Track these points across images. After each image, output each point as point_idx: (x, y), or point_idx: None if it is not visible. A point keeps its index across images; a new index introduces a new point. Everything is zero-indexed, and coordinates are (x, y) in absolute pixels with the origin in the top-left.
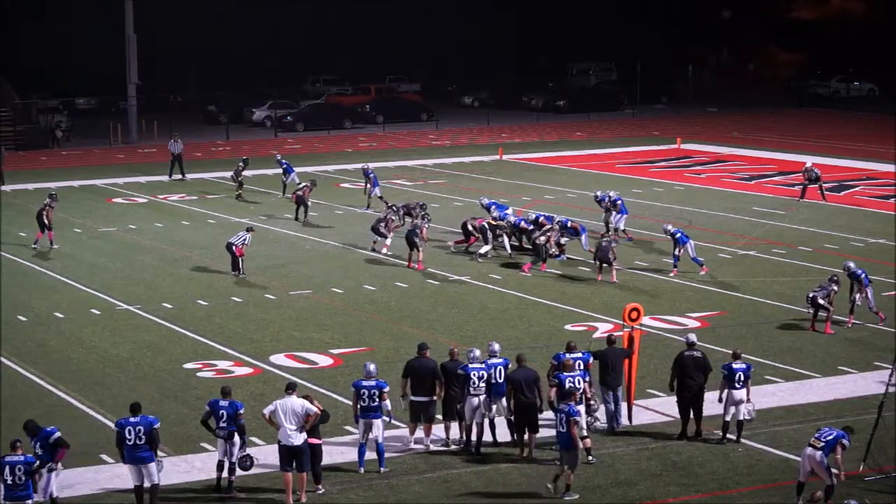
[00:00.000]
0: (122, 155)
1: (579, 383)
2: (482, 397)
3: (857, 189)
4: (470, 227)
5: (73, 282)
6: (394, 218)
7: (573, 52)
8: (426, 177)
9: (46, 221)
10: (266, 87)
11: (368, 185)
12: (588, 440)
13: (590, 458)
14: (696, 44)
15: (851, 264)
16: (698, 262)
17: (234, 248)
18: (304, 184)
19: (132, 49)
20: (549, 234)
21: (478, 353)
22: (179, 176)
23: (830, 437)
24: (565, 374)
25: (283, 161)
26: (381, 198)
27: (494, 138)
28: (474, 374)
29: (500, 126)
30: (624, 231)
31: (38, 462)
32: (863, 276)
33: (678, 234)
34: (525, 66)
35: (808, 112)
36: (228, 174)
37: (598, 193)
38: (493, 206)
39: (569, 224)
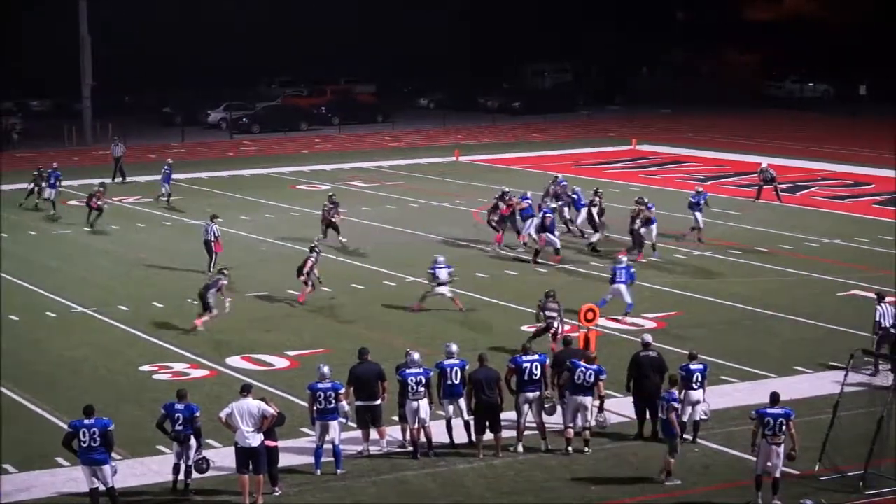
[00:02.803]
0: (76, 157)
1: (591, 377)
2: (422, 401)
3: (812, 189)
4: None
5: (27, 284)
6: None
7: (528, 53)
8: (382, 178)
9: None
10: (221, 88)
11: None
12: (588, 432)
13: (586, 449)
14: (649, 44)
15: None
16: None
17: (212, 244)
18: (97, 188)
19: (86, 50)
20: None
21: (416, 356)
22: (121, 179)
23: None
24: (579, 362)
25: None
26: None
27: (450, 140)
28: (411, 380)
29: (457, 127)
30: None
31: None
32: None
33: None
34: (480, 67)
35: (763, 113)
36: (183, 176)
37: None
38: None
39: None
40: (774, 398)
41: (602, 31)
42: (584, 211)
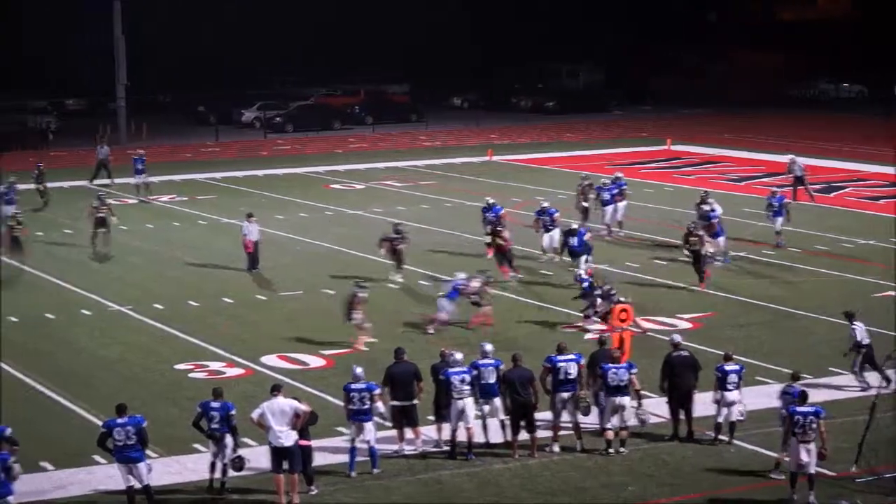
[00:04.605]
0: (110, 156)
1: (624, 375)
2: (467, 400)
3: (846, 190)
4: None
5: (63, 282)
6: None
7: (561, 53)
8: (416, 178)
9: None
10: (255, 87)
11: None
12: (625, 432)
13: (622, 449)
14: (682, 44)
15: None
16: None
17: (256, 244)
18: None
19: (121, 49)
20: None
21: (459, 356)
22: (108, 181)
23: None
24: (610, 365)
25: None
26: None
27: (484, 139)
28: (455, 378)
29: (490, 127)
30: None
31: (13, 458)
32: None
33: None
34: (513, 67)
35: (797, 114)
36: (218, 175)
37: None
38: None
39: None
40: (803, 396)
41: (633, 32)
42: (610, 208)
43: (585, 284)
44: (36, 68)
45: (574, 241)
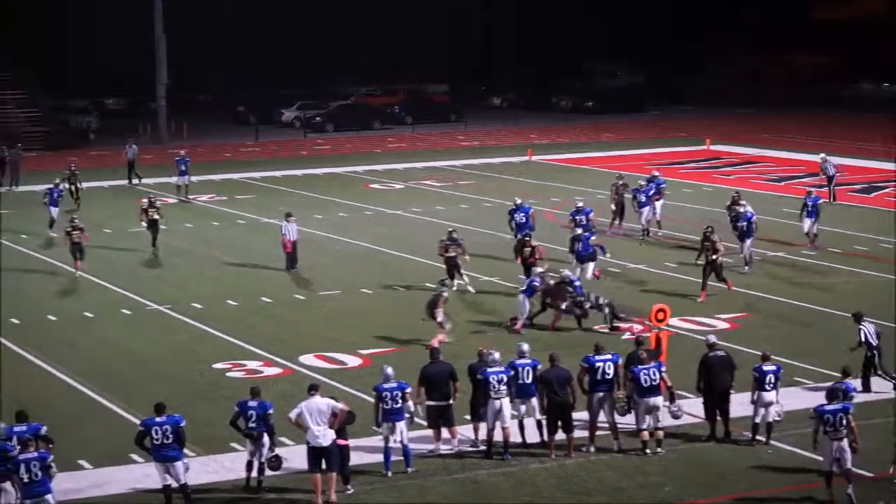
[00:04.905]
0: (150, 155)
1: (655, 375)
2: (504, 400)
3: (886, 190)
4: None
5: (103, 282)
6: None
7: (600, 53)
8: (455, 178)
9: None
10: (295, 87)
11: None
12: (661, 432)
13: (658, 449)
14: (722, 45)
15: None
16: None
17: (295, 244)
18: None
19: (162, 49)
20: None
21: (497, 355)
22: (136, 181)
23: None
24: (640, 367)
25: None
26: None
27: (523, 139)
28: (493, 378)
29: (529, 127)
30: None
31: (52, 457)
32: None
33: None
34: (553, 67)
35: (838, 114)
36: (257, 174)
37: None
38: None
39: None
40: (832, 395)
41: (671, 32)
42: (647, 209)
43: (578, 285)
44: (78, 68)
45: (580, 246)
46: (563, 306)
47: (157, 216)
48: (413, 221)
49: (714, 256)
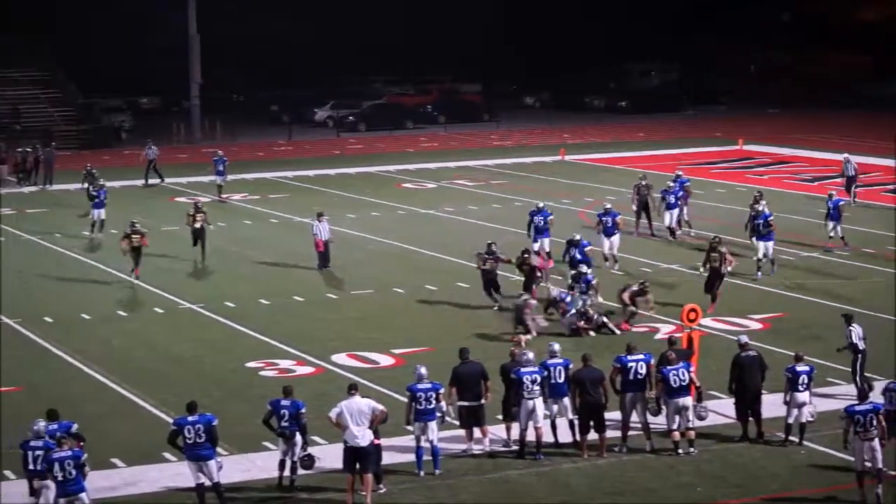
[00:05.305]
0: (184, 154)
1: (684, 375)
2: (537, 400)
3: None
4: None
5: (135, 280)
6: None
7: (634, 52)
8: (488, 177)
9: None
10: (327, 86)
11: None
12: (692, 432)
13: (691, 449)
14: (754, 45)
15: None
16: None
17: (327, 243)
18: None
19: (195, 48)
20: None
21: (531, 355)
22: (157, 180)
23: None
24: (669, 368)
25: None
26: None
27: (556, 139)
28: (527, 378)
29: (562, 127)
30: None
31: (85, 455)
32: None
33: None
34: (585, 66)
35: (871, 113)
36: (290, 174)
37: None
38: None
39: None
40: (862, 395)
41: (705, 32)
42: (676, 211)
43: (565, 296)
44: (113, 67)
45: (575, 251)
46: (567, 331)
47: (203, 223)
48: (446, 221)
49: (727, 269)
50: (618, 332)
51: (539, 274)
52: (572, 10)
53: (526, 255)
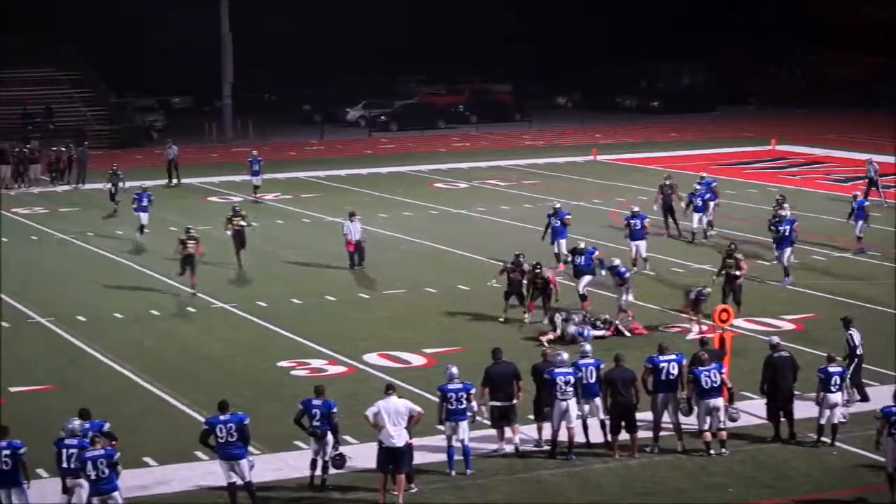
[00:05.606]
0: (215, 154)
1: (715, 376)
2: (571, 401)
3: None
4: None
5: (168, 280)
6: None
7: (665, 52)
8: (519, 177)
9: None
10: (359, 86)
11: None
12: (724, 433)
13: (723, 450)
14: (784, 45)
15: None
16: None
17: (361, 243)
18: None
19: (227, 48)
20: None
21: (565, 356)
22: (175, 181)
23: None
24: (701, 369)
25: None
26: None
27: (588, 139)
28: (560, 379)
29: (594, 127)
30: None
31: (118, 454)
32: None
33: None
34: (617, 66)
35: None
36: (322, 173)
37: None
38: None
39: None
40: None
41: (734, 32)
42: (702, 214)
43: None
44: (145, 66)
45: (580, 259)
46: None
47: (242, 223)
48: (478, 221)
49: (738, 273)
50: (628, 334)
51: (551, 287)
52: (606, 10)
53: (538, 269)
